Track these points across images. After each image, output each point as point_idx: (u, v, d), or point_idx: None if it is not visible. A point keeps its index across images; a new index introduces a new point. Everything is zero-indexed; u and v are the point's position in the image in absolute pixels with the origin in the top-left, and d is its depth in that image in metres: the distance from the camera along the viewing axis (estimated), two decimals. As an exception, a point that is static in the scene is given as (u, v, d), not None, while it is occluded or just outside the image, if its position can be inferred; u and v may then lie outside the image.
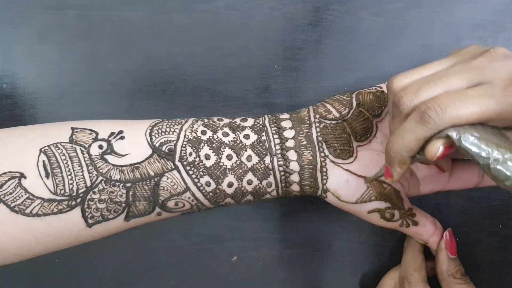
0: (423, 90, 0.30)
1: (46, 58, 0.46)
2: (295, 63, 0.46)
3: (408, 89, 0.31)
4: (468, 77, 0.30)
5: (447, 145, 0.29)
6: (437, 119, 0.29)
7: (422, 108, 0.29)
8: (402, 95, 0.31)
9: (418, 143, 0.30)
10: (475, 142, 0.28)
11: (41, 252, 0.36)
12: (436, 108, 0.29)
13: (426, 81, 0.31)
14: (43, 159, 0.34)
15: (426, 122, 0.29)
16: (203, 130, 0.37)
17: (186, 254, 0.48)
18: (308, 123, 0.38)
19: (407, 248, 0.44)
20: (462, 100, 0.29)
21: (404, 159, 0.31)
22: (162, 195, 0.35)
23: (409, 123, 0.30)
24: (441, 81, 0.30)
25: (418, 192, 0.41)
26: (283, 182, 0.37)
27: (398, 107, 0.31)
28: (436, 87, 0.30)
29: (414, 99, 0.30)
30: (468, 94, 0.29)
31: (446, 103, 0.29)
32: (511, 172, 0.27)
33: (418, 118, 0.30)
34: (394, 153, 0.32)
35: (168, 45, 0.46)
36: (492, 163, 0.27)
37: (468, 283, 0.41)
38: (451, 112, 0.28)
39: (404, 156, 0.31)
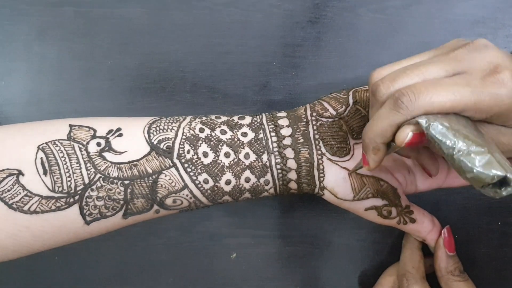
0: (400, 78, 0.30)
1: (44, 55, 0.46)
2: (294, 60, 0.46)
3: (385, 78, 0.31)
4: (445, 67, 0.30)
5: (416, 132, 0.29)
6: (409, 105, 0.29)
7: (396, 95, 0.30)
8: (379, 84, 0.31)
9: (391, 129, 0.30)
10: (443, 131, 0.28)
11: (39, 249, 0.36)
12: (410, 94, 0.29)
13: (403, 70, 0.31)
14: (41, 156, 0.34)
15: (399, 108, 0.29)
16: (201, 128, 0.37)
17: (185, 251, 0.48)
18: (305, 121, 0.38)
19: (406, 245, 0.44)
20: (437, 87, 0.29)
21: (378, 145, 0.32)
22: (160, 193, 0.35)
23: (383, 109, 0.31)
24: (418, 70, 0.30)
25: (415, 190, 0.41)
26: (281, 180, 0.37)
27: (375, 95, 0.31)
28: (413, 75, 0.30)
29: (391, 86, 0.31)
30: (443, 82, 0.29)
31: (420, 89, 0.29)
32: (472, 164, 0.26)
33: (392, 105, 0.30)
34: (368, 140, 0.32)
35: (167, 42, 0.46)
36: (455, 153, 0.27)
37: (466, 280, 0.41)
38: (424, 98, 0.29)
39: (378, 142, 0.31)
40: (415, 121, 0.29)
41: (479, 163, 0.26)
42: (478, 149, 0.27)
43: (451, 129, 0.28)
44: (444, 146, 0.27)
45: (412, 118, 0.29)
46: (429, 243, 0.42)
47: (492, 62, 0.30)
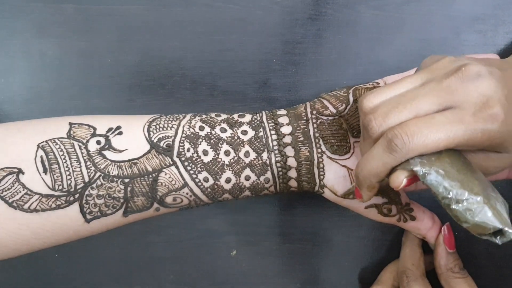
0: (392, 114, 0.30)
1: (44, 53, 0.46)
2: (294, 57, 0.46)
3: (377, 113, 0.31)
4: (437, 100, 0.30)
5: (410, 178, 0.30)
6: (403, 148, 0.29)
7: (389, 136, 0.29)
8: (371, 119, 0.31)
9: (385, 170, 0.31)
10: (439, 180, 0.28)
11: (39, 247, 0.36)
12: (403, 136, 0.29)
13: (395, 104, 0.31)
14: (41, 155, 0.34)
15: (393, 151, 0.29)
16: (201, 126, 0.37)
17: (185, 248, 0.48)
18: (305, 119, 0.38)
19: (406, 242, 0.44)
20: (430, 127, 0.29)
21: (373, 184, 0.32)
22: (160, 191, 0.35)
23: (376, 149, 0.31)
24: (410, 105, 0.30)
25: (415, 188, 0.41)
26: (281, 178, 0.37)
27: (368, 130, 0.31)
28: (405, 111, 0.30)
29: (383, 123, 0.30)
30: (436, 120, 0.29)
31: (413, 131, 0.29)
32: (470, 216, 0.27)
33: (385, 146, 0.30)
34: (362, 178, 0.32)
35: (167, 40, 0.46)
36: (452, 203, 0.28)
37: (466, 277, 0.41)
38: (418, 140, 0.29)
39: (372, 181, 0.32)
40: (410, 168, 0.29)
41: (476, 215, 0.27)
42: (474, 199, 0.28)
43: (446, 177, 0.28)
44: (440, 195, 0.28)
45: (406, 159, 0.29)
46: (429, 240, 0.42)
47: (485, 95, 0.29)
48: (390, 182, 0.30)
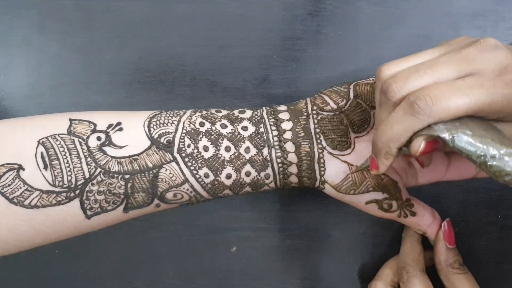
0: (412, 79, 0.30)
1: (43, 49, 0.46)
2: (294, 53, 0.46)
3: (397, 77, 0.31)
4: (457, 68, 0.30)
5: (430, 141, 0.29)
6: (427, 110, 0.28)
7: (411, 98, 0.29)
8: (391, 82, 0.31)
9: (407, 135, 0.30)
10: (469, 141, 0.28)
11: (40, 243, 0.36)
12: (427, 98, 0.28)
13: (415, 69, 0.30)
14: (42, 151, 0.34)
15: (416, 113, 0.29)
16: (201, 121, 0.37)
17: (186, 244, 0.48)
18: (306, 115, 0.38)
19: (406, 238, 0.44)
20: (452, 91, 0.29)
21: (391, 150, 0.31)
22: (161, 187, 0.35)
23: (398, 113, 0.30)
24: (431, 70, 0.30)
25: (416, 183, 0.41)
26: (281, 173, 0.37)
27: (387, 94, 0.31)
28: (426, 76, 0.30)
29: (404, 86, 0.30)
30: (458, 85, 0.29)
31: (436, 94, 0.28)
32: (509, 167, 0.27)
33: (407, 108, 0.29)
34: (381, 144, 0.31)
35: (167, 36, 0.46)
36: (489, 160, 0.27)
37: (466, 273, 0.41)
38: (441, 103, 0.28)
39: (392, 148, 0.31)
40: (434, 134, 0.29)
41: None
42: (509, 150, 0.27)
43: (475, 136, 0.28)
44: (474, 155, 0.28)
45: (429, 124, 0.29)
46: (429, 236, 0.42)
47: (503, 63, 0.29)
48: (411, 148, 0.30)
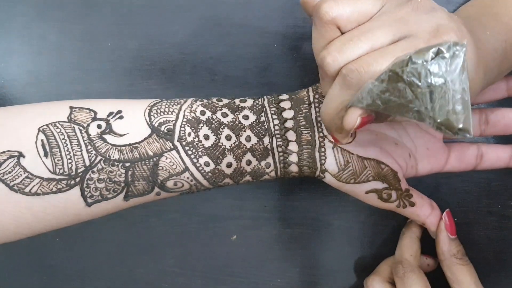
0: (347, 47, 0.29)
1: (44, 36, 0.45)
2: (295, 41, 0.46)
3: (331, 48, 0.30)
4: (393, 31, 0.29)
5: (364, 116, 0.29)
6: (360, 80, 0.28)
7: (344, 72, 0.29)
8: (325, 55, 0.30)
9: (346, 109, 0.30)
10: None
11: (40, 231, 0.36)
12: (359, 69, 0.28)
13: (349, 37, 0.30)
14: (42, 138, 0.34)
15: (350, 86, 0.29)
16: (202, 110, 0.37)
17: (186, 232, 0.48)
18: (308, 104, 0.38)
19: (405, 233, 0.44)
20: (385, 56, 0.28)
21: (339, 125, 0.31)
22: (161, 175, 0.35)
23: (333, 89, 0.30)
24: (365, 37, 0.29)
25: (416, 173, 0.41)
26: (282, 162, 0.37)
27: (323, 67, 0.30)
28: (361, 43, 0.29)
29: (338, 57, 0.29)
30: (391, 49, 0.28)
31: (368, 62, 0.28)
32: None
33: (341, 83, 0.29)
34: (327, 122, 0.32)
35: (167, 24, 0.46)
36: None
37: (468, 265, 0.41)
38: (374, 69, 0.28)
39: (338, 123, 0.31)
40: (360, 104, 0.28)
41: None
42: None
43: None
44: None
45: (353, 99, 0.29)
46: (429, 226, 0.42)
47: (438, 24, 0.29)
48: (345, 125, 0.29)
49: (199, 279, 0.49)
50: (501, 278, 0.47)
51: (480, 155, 0.42)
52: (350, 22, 0.30)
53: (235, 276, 0.49)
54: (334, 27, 0.30)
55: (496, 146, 0.43)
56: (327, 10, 0.30)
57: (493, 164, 0.42)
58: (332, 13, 0.30)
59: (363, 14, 0.30)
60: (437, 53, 0.26)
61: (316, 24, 0.31)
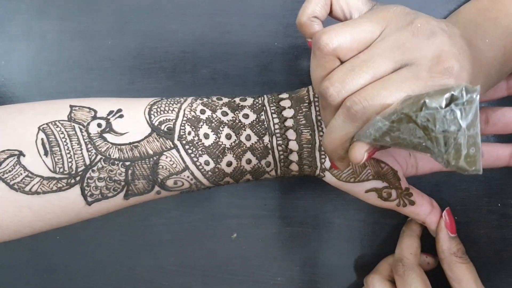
0: (349, 78, 0.29)
1: (44, 35, 0.45)
2: (296, 40, 0.46)
3: (334, 79, 0.30)
4: (393, 59, 0.29)
5: (370, 151, 0.29)
6: (364, 113, 0.29)
7: (348, 104, 0.29)
8: (328, 86, 0.30)
9: (348, 140, 0.30)
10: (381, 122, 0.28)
11: (41, 229, 0.36)
12: (362, 102, 0.28)
13: (350, 68, 0.30)
14: (42, 137, 0.34)
15: (354, 118, 0.29)
16: (202, 109, 0.37)
17: (186, 231, 0.48)
18: (308, 102, 0.38)
19: (405, 232, 0.44)
20: (388, 88, 0.28)
21: (341, 155, 0.32)
22: (161, 174, 0.35)
23: (337, 120, 0.30)
24: (367, 67, 0.29)
25: (416, 173, 0.41)
26: (282, 161, 0.37)
27: (326, 99, 0.30)
28: (363, 74, 0.29)
29: (342, 89, 0.29)
30: (393, 80, 0.29)
31: (372, 94, 0.28)
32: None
33: (345, 115, 0.29)
34: (329, 151, 0.32)
35: (168, 22, 0.46)
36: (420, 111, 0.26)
37: (468, 263, 0.41)
38: (378, 102, 0.28)
39: (340, 153, 0.31)
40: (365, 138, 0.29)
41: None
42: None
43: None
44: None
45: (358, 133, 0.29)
46: (429, 225, 0.42)
47: (439, 50, 0.29)
48: (352, 159, 0.30)
49: (199, 277, 0.49)
50: (501, 277, 0.47)
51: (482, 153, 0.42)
52: (351, 51, 0.30)
53: (235, 274, 0.49)
54: (335, 57, 0.30)
55: (496, 145, 0.43)
56: (327, 41, 0.30)
57: (493, 163, 0.42)
58: (333, 44, 0.30)
59: (363, 42, 0.30)
60: (451, 99, 0.26)
61: (315, 54, 0.31)
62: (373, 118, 0.28)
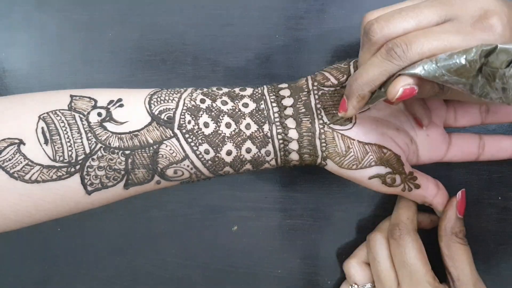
0: (394, 19, 0.31)
1: (44, 26, 0.45)
2: (297, 32, 0.46)
3: (380, 18, 0.32)
4: (438, 12, 0.31)
5: (407, 88, 0.30)
6: (402, 55, 0.30)
7: (389, 45, 0.30)
8: (373, 23, 0.31)
9: (381, 78, 0.31)
10: (444, 59, 0.29)
11: (41, 219, 0.36)
12: (403, 45, 0.30)
13: (398, 11, 0.31)
14: (42, 126, 0.34)
15: (392, 58, 0.30)
16: (202, 98, 0.37)
17: (187, 223, 0.48)
18: (307, 91, 0.38)
19: (402, 197, 0.44)
20: (429, 37, 0.30)
21: (364, 93, 0.32)
22: (161, 163, 0.35)
23: (375, 58, 0.31)
24: (413, 13, 0.31)
25: (417, 160, 0.41)
26: (282, 150, 0.37)
27: (368, 34, 0.32)
28: (407, 17, 0.31)
29: (385, 27, 0.31)
30: (435, 30, 0.30)
31: (412, 40, 0.30)
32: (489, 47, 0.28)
33: (384, 54, 0.31)
34: (356, 86, 0.33)
35: (168, 14, 0.46)
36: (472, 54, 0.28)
37: (467, 245, 0.42)
38: (416, 47, 0.30)
39: (365, 90, 0.32)
40: (410, 72, 0.30)
41: None
42: None
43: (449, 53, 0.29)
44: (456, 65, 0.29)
45: (404, 67, 0.30)
46: (436, 207, 0.42)
47: (483, 8, 0.30)
48: (388, 92, 0.31)
49: (199, 269, 0.49)
50: (501, 270, 0.47)
51: (482, 145, 0.42)
52: None
53: (235, 266, 0.49)
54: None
55: (498, 136, 0.42)
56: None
57: (495, 154, 0.42)
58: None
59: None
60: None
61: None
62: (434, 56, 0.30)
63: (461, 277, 0.41)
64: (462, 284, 0.41)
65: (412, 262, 0.40)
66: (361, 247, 0.46)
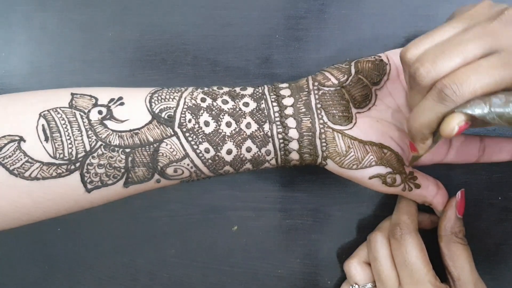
0: (440, 59, 0.30)
1: (45, 26, 0.45)
2: (297, 32, 0.46)
3: (424, 59, 0.31)
4: (483, 45, 0.30)
5: (461, 124, 0.29)
6: (454, 97, 0.29)
7: (439, 87, 0.30)
8: (419, 67, 0.31)
9: (437, 121, 0.31)
10: (501, 104, 0.29)
11: (40, 217, 0.36)
12: (452, 86, 0.29)
13: (441, 50, 0.30)
14: (43, 123, 0.34)
15: (444, 100, 0.30)
16: (202, 97, 0.37)
17: (187, 223, 0.48)
18: (307, 91, 0.38)
19: (403, 197, 0.44)
20: (477, 74, 0.29)
21: (425, 135, 0.32)
22: (161, 161, 0.35)
23: (427, 101, 0.31)
24: (457, 50, 0.30)
25: (417, 162, 0.41)
26: (282, 150, 0.37)
27: (415, 79, 0.31)
28: (453, 56, 0.30)
29: (431, 69, 0.30)
30: (482, 66, 0.29)
31: (462, 79, 0.29)
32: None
33: (435, 97, 0.30)
34: (415, 131, 0.32)
35: (169, 14, 0.46)
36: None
37: (466, 245, 0.42)
38: (467, 87, 0.29)
39: (425, 133, 0.32)
40: (465, 111, 0.29)
41: None
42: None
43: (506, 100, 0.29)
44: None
45: (456, 107, 0.30)
46: (436, 206, 0.42)
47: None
48: (442, 132, 0.30)
49: (199, 269, 0.49)
50: (502, 271, 0.47)
51: (483, 147, 0.42)
52: None
53: (235, 266, 0.49)
54: None
55: (499, 138, 0.42)
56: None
57: (496, 157, 0.42)
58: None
59: None
60: None
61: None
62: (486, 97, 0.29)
63: (461, 277, 0.41)
64: (462, 283, 0.41)
65: (413, 261, 0.40)
66: (361, 247, 0.46)
